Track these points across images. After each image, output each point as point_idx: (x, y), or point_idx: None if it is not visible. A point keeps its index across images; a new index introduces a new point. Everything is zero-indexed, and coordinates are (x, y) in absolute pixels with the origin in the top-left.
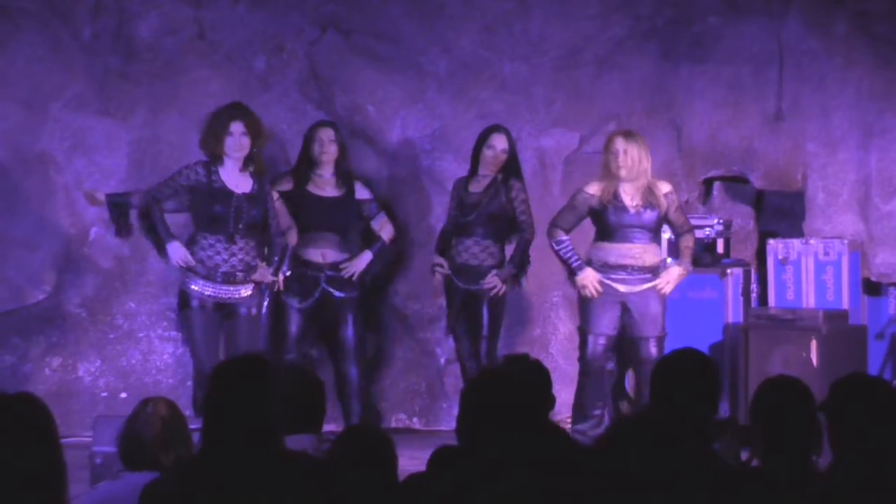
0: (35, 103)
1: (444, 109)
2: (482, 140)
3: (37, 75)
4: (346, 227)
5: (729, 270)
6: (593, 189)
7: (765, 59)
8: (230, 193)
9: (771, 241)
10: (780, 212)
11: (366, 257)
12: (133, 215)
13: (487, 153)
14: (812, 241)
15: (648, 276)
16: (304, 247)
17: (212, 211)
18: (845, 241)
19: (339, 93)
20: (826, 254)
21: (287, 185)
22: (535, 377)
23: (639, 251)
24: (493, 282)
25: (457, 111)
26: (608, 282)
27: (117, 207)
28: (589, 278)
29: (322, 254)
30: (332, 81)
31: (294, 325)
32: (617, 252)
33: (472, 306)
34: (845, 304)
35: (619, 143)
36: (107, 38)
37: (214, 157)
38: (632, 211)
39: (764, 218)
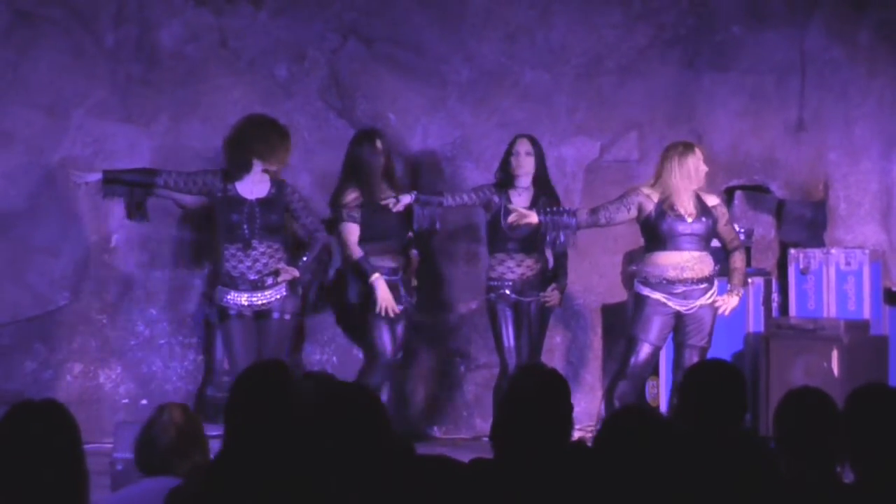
0: (58, 110)
1: (466, 118)
2: (508, 150)
3: (59, 82)
4: (404, 237)
5: (750, 280)
6: (649, 191)
7: (787, 69)
8: (243, 201)
9: (792, 251)
10: (802, 221)
11: (415, 260)
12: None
13: (513, 160)
14: (833, 251)
15: (705, 286)
16: (376, 254)
17: (229, 220)
18: (867, 251)
19: (360, 100)
20: (847, 263)
21: (354, 195)
22: (552, 386)
23: (694, 261)
24: (554, 296)
25: (478, 119)
26: (666, 299)
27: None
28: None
29: (393, 258)
30: (354, 89)
31: (386, 334)
32: (674, 264)
33: (526, 318)
34: (866, 314)
35: (689, 153)
36: (129, 46)
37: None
38: (687, 220)
39: (785, 227)
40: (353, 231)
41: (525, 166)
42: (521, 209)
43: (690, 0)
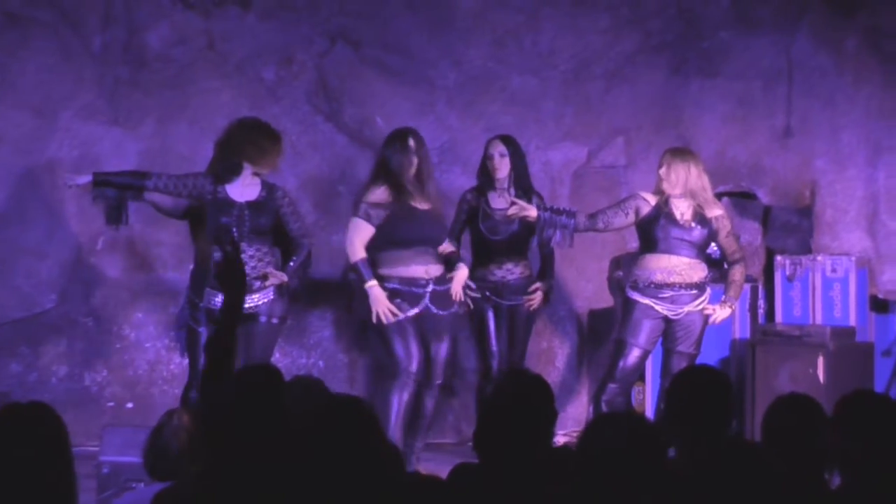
0: (45, 112)
1: (453, 122)
2: (483, 153)
3: (47, 84)
4: (440, 241)
5: None
6: (648, 195)
7: (774, 75)
8: (233, 203)
9: (778, 258)
10: (788, 228)
11: (464, 271)
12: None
13: (489, 164)
14: (819, 258)
15: (695, 292)
16: (404, 263)
17: (218, 223)
18: (853, 258)
19: (348, 105)
20: (833, 270)
21: (381, 194)
22: (536, 391)
23: (684, 266)
24: (536, 297)
25: (465, 124)
26: (653, 303)
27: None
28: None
29: (426, 269)
30: (342, 93)
31: (412, 338)
32: (663, 267)
33: (508, 321)
34: (852, 321)
35: (665, 159)
36: (117, 48)
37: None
38: (683, 225)
39: (771, 234)
40: (361, 229)
41: (502, 168)
42: (522, 202)
43: (678, 6)
